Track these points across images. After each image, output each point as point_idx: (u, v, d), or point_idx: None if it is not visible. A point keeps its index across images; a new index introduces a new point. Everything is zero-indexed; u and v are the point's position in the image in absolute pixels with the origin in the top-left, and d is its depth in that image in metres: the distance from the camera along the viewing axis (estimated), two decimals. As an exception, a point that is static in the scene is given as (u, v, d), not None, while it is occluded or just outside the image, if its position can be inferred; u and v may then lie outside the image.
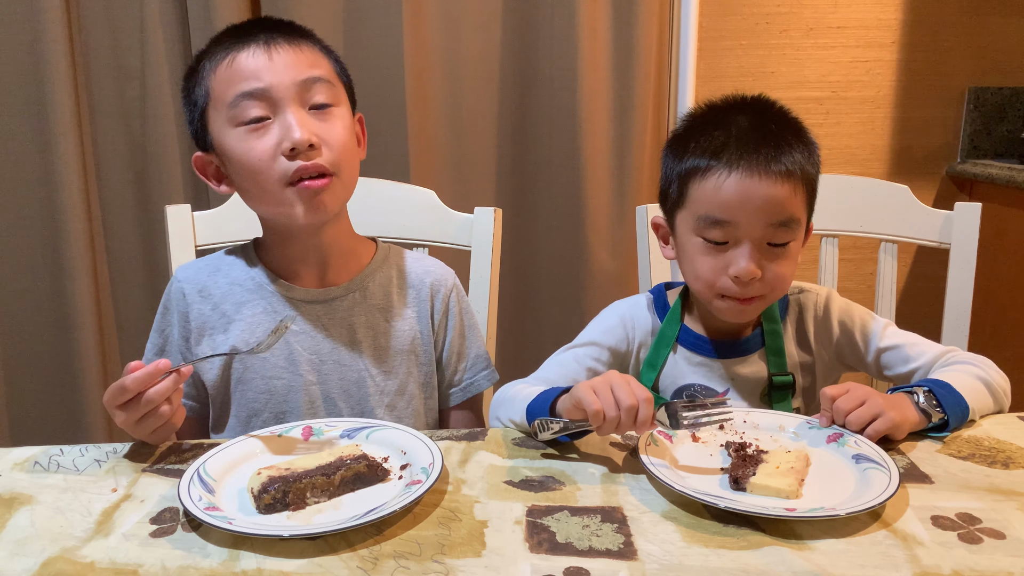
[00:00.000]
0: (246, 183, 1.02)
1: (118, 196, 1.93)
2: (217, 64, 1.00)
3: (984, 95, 2.16)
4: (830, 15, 2.11)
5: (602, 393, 0.84)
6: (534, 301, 2.07)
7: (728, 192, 0.97)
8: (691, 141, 1.01)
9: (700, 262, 1.01)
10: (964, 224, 1.31)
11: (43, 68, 1.78)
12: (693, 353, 1.09)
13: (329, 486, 0.79)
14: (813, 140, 1.03)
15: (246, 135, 0.98)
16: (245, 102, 0.97)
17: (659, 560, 0.68)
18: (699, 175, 0.99)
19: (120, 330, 2.00)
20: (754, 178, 0.96)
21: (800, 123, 1.03)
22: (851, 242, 2.09)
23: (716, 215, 0.98)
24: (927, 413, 0.91)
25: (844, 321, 1.10)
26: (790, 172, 0.97)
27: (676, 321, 1.10)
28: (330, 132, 1.00)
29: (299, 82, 0.98)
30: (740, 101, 1.04)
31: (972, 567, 0.67)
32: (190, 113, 1.05)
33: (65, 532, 0.74)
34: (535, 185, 2.02)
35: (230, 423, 1.09)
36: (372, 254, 1.13)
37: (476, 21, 1.92)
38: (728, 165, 0.97)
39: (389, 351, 1.10)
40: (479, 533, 0.73)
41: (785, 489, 0.77)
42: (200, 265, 1.13)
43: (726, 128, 0.99)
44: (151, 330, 1.12)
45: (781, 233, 0.98)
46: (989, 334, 2.03)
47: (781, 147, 0.97)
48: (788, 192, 0.97)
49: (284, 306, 1.07)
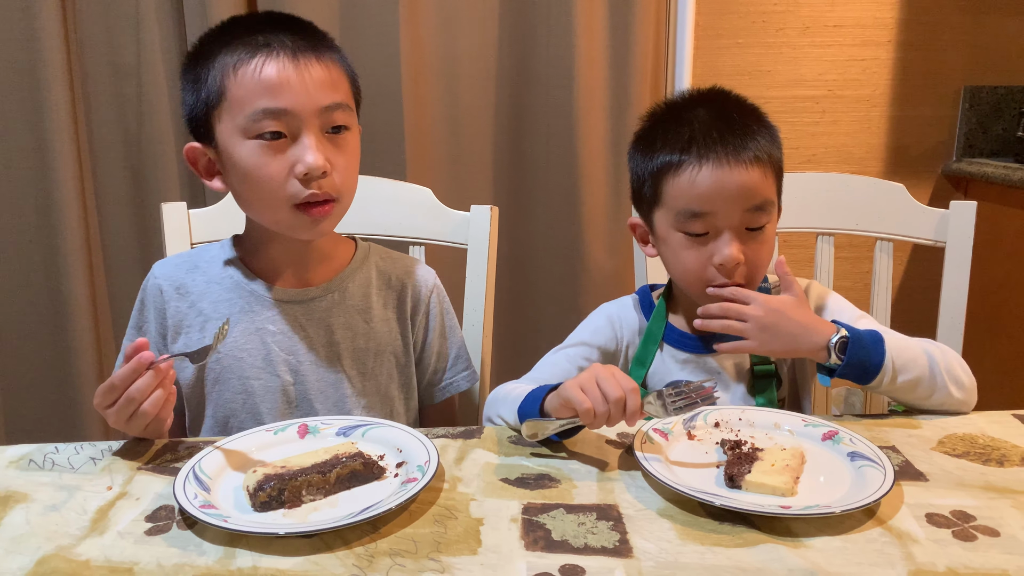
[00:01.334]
0: (248, 194, 1.00)
1: (114, 193, 1.93)
2: (240, 66, 0.96)
3: (980, 94, 2.16)
4: (827, 13, 2.11)
5: (589, 389, 0.85)
6: (530, 299, 2.07)
7: (703, 184, 0.99)
8: (657, 139, 1.04)
9: (684, 256, 1.03)
10: (959, 222, 1.31)
11: (39, 65, 1.78)
12: (678, 350, 1.10)
13: (325, 484, 0.79)
14: (772, 124, 1.05)
15: (259, 149, 0.96)
16: (266, 119, 0.95)
17: (655, 558, 0.68)
18: (672, 171, 1.01)
19: (115, 328, 2.00)
20: (726, 167, 0.99)
21: (758, 109, 1.06)
22: (847, 240, 2.09)
23: (694, 208, 1.00)
24: (829, 351, 0.96)
25: (820, 307, 1.11)
26: (758, 157, 1.00)
27: (661, 319, 1.12)
28: (342, 157, 1.00)
29: (322, 108, 0.96)
30: (697, 95, 1.08)
31: (967, 564, 0.67)
32: (192, 100, 1.01)
33: (60, 530, 0.74)
34: (531, 183, 2.02)
35: (206, 424, 1.08)
36: (352, 254, 1.13)
37: (472, 19, 1.92)
38: (699, 157, 0.99)
39: (368, 352, 1.10)
40: (475, 531, 0.73)
41: (780, 487, 0.77)
42: (177, 261, 1.12)
43: (689, 123, 1.02)
44: (128, 326, 1.11)
45: (758, 217, 1.01)
46: (984, 332, 2.03)
47: (746, 135, 1.00)
48: (759, 176, 1.00)
49: (261, 306, 1.06)
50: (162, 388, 0.88)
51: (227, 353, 1.05)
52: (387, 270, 1.14)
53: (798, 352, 0.98)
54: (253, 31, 0.97)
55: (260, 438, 0.89)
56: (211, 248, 1.12)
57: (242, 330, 1.06)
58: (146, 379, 0.86)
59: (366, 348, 1.10)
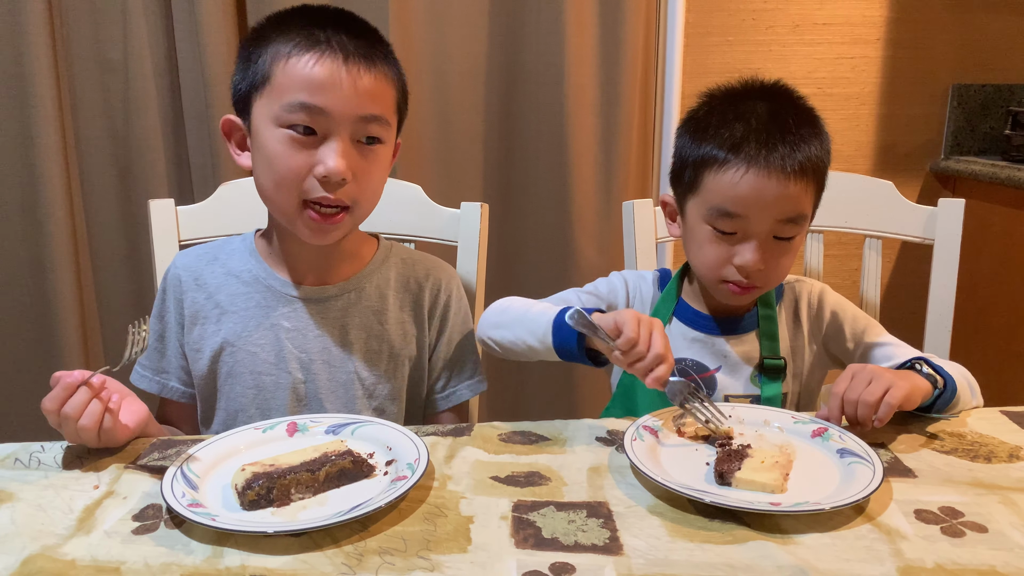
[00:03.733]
0: (265, 179, 0.99)
1: (101, 190, 1.91)
2: (293, 56, 0.95)
3: (967, 92, 2.17)
4: (816, 12, 2.12)
5: (643, 328, 0.88)
6: (520, 296, 2.07)
7: (743, 188, 0.99)
8: (710, 127, 1.03)
9: (707, 249, 1.04)
10: (947, 220, 1.32)
11: (24, 60, 1.76)
12: (689, 328, 1.12)
13: (314, 482, 0.78)
14: (826, 132, 1.04)
15: (287, 140, 0.95)
16: (301, 112, 0.94)
17: (644, 555, 0.68)
18: (716, 166, 1.00)
19: (103, 326, 1.98)
20: (771, 177, 0.98)
21: (815, 114, 1.05)
22: (836, 238, 2.10)
23: (729, 208, 1.00)
24: (932, 379, 0.93)
25: (837, 312, 1.13)
26: (804, 169, 0.99)
27: (672, 298, 1.13)
28: (367, 170, 0.98)
29: (359, 116, 0.96)
30: (759, 88, 1.06)
31: (955, 560, 0.67)
32: (239, 78, 1.00)
33: (46, 529, 0.73)
34: (522, 180, 2.02)
35: (218, 417, 1.08)
36: (373, 253, 1.12)
37: (463, 16, 1.92)
38: (746, 161, 0.98)
39: (381, 354, 1.09)
40: (465, 529, 0.73)
41: (770, 484, 0.78)
42: (199, 252, 1.12)
43: (745, 119, 1.01)
44: (150, 316, 1.10)
45: (788, 228, 1.01)
46: (972, 328, 2.05)
47: (798, 143, 0.99)
48: (800, 190, 1.00)
49: (278, 301, 1.06)
50: (99, 400, 0.86)
51: (241, 347, 1.05)
52: (406, 272, 1.13)
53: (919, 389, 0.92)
54: (315, 25, 0.96)
55: (249, 436, 0.89)
56: (233, 241, 1.12)
57: (257, 325, 1.05)
58: (79, 396, 0.85)
59: (379, 350, 1.09)
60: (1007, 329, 1.99)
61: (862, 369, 0.91)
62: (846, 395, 0.89)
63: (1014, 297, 1.96)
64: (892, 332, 1.12)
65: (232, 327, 1.06)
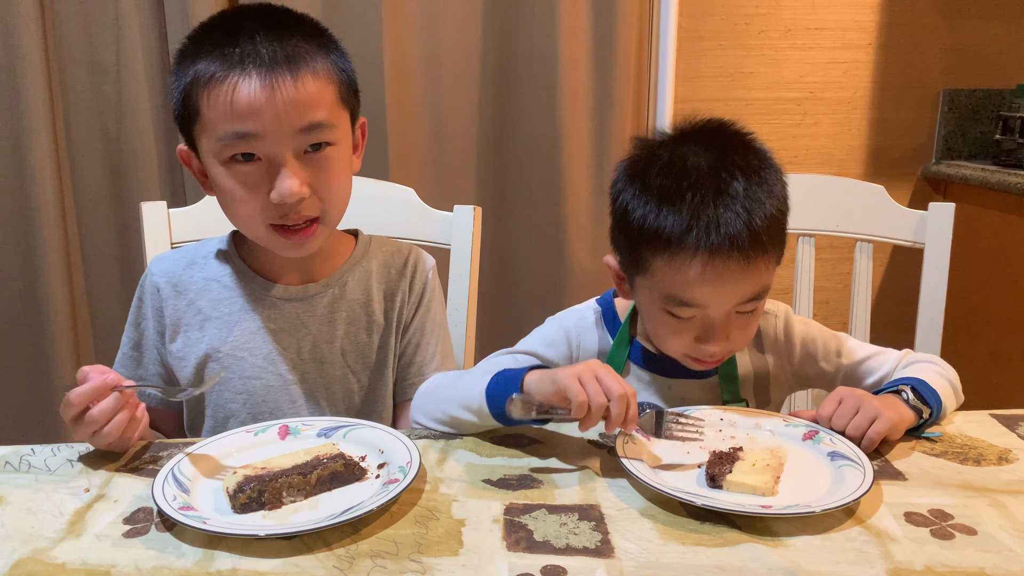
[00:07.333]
0: (228, 213, 0.98)
1: (93, 192, 1.91)
2: (212, 86, 0.90)
3: (958, 97, 2.19)
4: (808, 16, 2.13)
5: (588, 382, 0.80)
6: (513, 299, 2.07)
7: (697, 278, 0.88)
8: (648, 194, 0.91)
9: (664, 332, 0.96)
10: (938, 224, 1.33)
11: (17, 62, 1.75)
12: (644, 371, 1.05)
13: (306, 485, 0.78)
14: (777, 166, 0.94)
15: (233, 174, 0.93)
16: (237, 142, 0.91)
17: (636, 558, 0.69)
18: (663, 250, 0.89)
19: (94, 328, 1.97)
20: (729, 259, 0.87)
21: (764, 155, 0.93)
22: (827, 241, 2.10)
23: (684, 299, 0.91)
24: (917, 409, 0.91)
25: (806, 343, 1.07)
26: (761, 243, 0.88)
27: (625, 344, 1.04)
28: (324, 178, 0.95)
29: (296, 130, 0.91)
30: (691, 130, 0.94)
31: (944, 563, 0.68)
32: (177, 107, 0.96)
33: (36, 533, 0.73)
34: (515, 183, 2.02)
35: (206, 424, 1.07)
36: (353, 247, 1.11)
37: (456, 19, 1.92)
38: (695, 247, 0.87)
39: (371, 346, 1.08)
40: (456, 532, 0.73)
41: (761, 486, 0.78)
42: (175, 257, 1.10)
43: (687, 176, 0.88)
44: (126, 323, 1.09)
45: (750, 304, 0.93)
46: (962, 332, 2.05)
47: (752, 214, 0.87)
48: (762, 265, 0.90)
49: (262, 304, 1.05)
50: (126, 410, 0.85)
51: (228, 353, 1.04)
52: (387, 260, 1.12)
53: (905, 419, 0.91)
54: (230, 38, 0.91)
55: (240, 439, 0.89)
56: (210, 243, 1.10)
57: (242, 329, 1.04)
58: (109, 402, 0.83)
59: (369, 342, 1.08)
60: (997, 332, 2.00)
61: (850, 395, 0.90)
62: (832, 423, 0.89)
63: (1004, 300, 1.97)
64: (883, 335, 1.12)
65: (217, 333, 1.04)
